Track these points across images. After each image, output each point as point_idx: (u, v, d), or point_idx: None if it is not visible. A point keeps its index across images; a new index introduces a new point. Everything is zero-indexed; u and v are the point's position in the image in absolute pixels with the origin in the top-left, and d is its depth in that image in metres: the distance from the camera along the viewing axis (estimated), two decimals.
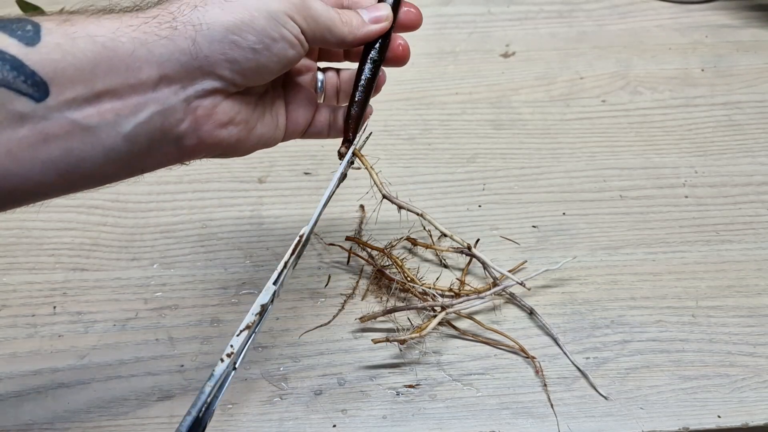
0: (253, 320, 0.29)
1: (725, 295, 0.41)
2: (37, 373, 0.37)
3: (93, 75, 0.25)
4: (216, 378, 0.27)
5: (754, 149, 0.50)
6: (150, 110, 0.27)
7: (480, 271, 0.42)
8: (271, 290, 0.30)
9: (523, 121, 0.52)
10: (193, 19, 0.27)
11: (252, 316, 0.29)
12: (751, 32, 0.60)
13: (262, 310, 0.29)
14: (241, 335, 0.28)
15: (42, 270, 0.42)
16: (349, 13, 0.33)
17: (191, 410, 0.26)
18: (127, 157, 0.27)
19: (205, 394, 0.27)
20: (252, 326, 0.29)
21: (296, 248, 0.31)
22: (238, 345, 0.28)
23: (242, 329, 0.28)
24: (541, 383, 0.37)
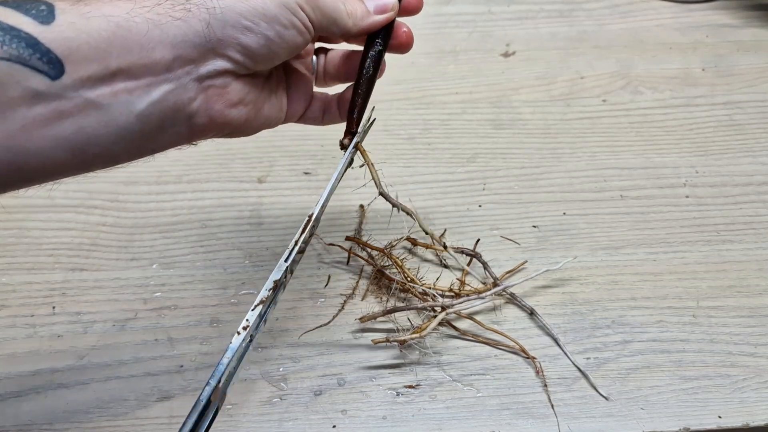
0: (267, 295, 0.30)
1: (726, 295, 0.41)
2: (36, 374, 0.37)
3: (107, 54, 0.25)
4: (233, 349, 0.28)
5: (755, 149, 0.50)
6: (163, 89, 0.27)
7: (480, 270, 0.42)
8: (283, 267, 0.31)
9: (523, 121, 0.52)
10: (207, 2, 0.28)
11: (266, 292, 0.30)
12: (752, 32, 0.60)
13: (276, 286, 0.30)
14: (256, 309, 0.29)
15: (41, 270, 0.42)
16: (354, 3, 0.33)
17: (210, 380, 0.27)
18: (139, 136, 0.28)
19: (223, 364, 0.27)
20: (266, 301, 0.30)
21: (305, 228, 0.32)
22: (253, 319, 0.29)
23: (257, 304, 0.29)
24: (542, 384, 0.37)
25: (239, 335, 0.28)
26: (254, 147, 0.50)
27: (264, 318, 0.30)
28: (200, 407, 0.27)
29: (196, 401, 0.27)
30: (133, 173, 0.48)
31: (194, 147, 0.50)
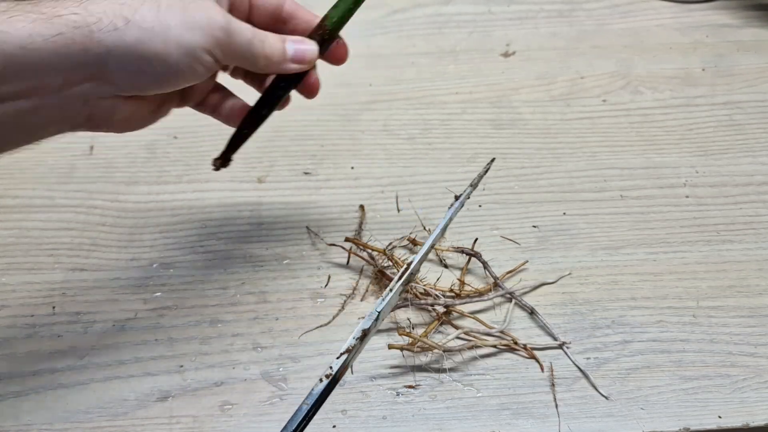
0: (354, 344, 0.30)
1: (726, 295, 0.41)
2: (36, 374, 0.37)
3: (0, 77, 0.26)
4: (314, 397, 0.29)
5: (755, 149, 0.50)
6: (50, 108, 0.28)
7: (480, 270, 0.42)
8: (374, 316, 0.31)
9: (523, 121, 0.52)
10: (109, 38, 0.27)
11: (353, 341, 0.30)
12: (752, 32, 0.60)
13: (363, 335, 0.30)
14: (341, 358, 0.30)
15: (41, 270, 0.42)
16: (273, 43, 0.32)
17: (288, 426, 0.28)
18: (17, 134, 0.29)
19: (302, 411, 0.28)
20: (352, 350, 0.30)
21: (402, 276, 0.32)
22: (336, 367, 0.29)
23: (342, 352, 0.30)
24: (549, 383, 0.37)
25: (322, 382, 0.29)
26: (254, 147, 0.50)
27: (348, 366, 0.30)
28: None
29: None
30: (133, 173, 0.48)
31: (194, 147, 0.50)
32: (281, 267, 0.42)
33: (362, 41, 0.59)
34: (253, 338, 0.39)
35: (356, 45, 0.60)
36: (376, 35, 0.60)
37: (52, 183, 0.47)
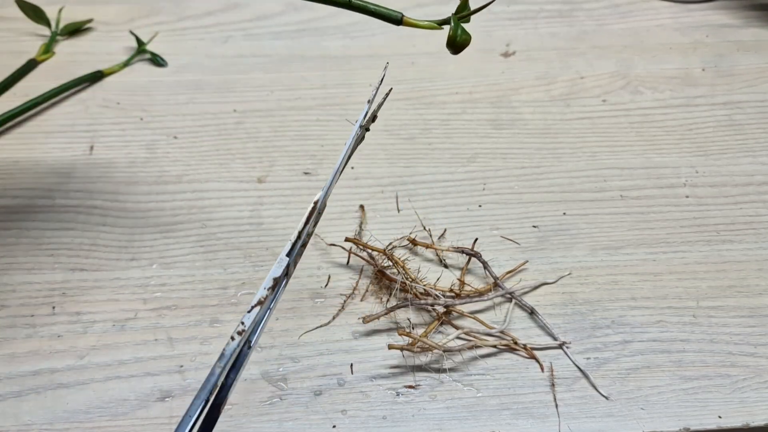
0: (265, 295, 0.27)
1: (726, 295, 0.41)
2: (36, 374, 0.37)
3: None
4: (226, 357, 0.26)
5: (755, 149, 0.50)
6: None
7: (480, 270, 0.42)
8: (284, 262, 0.28)
9: (523, 121, 0.52)
10: None
11: (264, 291, 0.27)
12: (752, 32, 0.60)
13: (275, 284, 0.27)
14: (253, 311, 0.27)
15: (41, 270, 0.42)
16: None
17: (200, 394, 0.25)
18: None
19: (215, 375, 0.25)
20: (264, 301, 0.27)
21: (310, 217, 0.30)
22: (249, 322, 0.26)
23: (254, 305, 0.27)
24: (549, 383, 0.37)
25: (234, 341, 0.26)
26: (254, 147, 0.50)
27: (263, 321, 0.28)
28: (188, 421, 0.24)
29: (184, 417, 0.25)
30: (133, 173, 0.48)
31: (194, 147, 0.50)
32: None
33: (362, 41, 0.59)
34: None
35: (356, 45, 0.60)
36: (376, 35, 0.60)
37: (52, 183, 0.47)
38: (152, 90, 0.55)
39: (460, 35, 0.31)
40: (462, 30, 0.31)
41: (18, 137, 0.51)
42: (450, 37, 0.31)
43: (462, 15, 0.32)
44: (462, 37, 0.31)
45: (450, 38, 0.31)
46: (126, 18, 0.62)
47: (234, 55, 0.58)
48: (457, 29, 0.31)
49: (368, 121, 0.33)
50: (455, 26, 0.31)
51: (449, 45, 0.31)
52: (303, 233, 0.29)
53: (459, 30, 0.31)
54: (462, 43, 0.31)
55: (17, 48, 0.58)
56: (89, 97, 0.54)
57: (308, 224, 0.30)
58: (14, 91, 0.54)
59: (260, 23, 0.61)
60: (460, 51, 0.31)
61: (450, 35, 0.31)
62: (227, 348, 0.26)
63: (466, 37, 0.31)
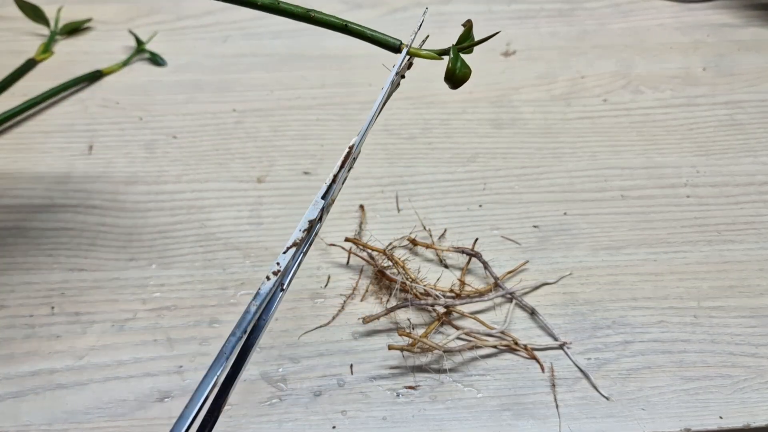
0: (301, 237, 0.27)
1: (727, 295, 0.41)
2: (35, 374, 0.37)
3: None
4: (262, 296, 0.25)
5: (756, 149, 0.50)
6: None
7: (480, 270, 0.42)
8: (320, 204, 0.27)
9: (523, 121, 0.52)
10: None
11: (300, 233, 0.27)
12: (753, 31, 0.60)
13: (311, 226, 0.27)
14: (288, 252, 0.26)
15: (40, 270, 0.42)
16: None
17: (235, 330, 0.24)
18: None
19: (250, 313, 0.25)
20: (300, 243, 0.26)
21: (345, 161, 0.28)
22: (285, 262, 0.26)
23: (289, 246, 0.26)
24: (549, 383, 0.37)
25: (269, 280, 0.25)
26: (253, 147, 0.50)
27: (298, 263, 0.27)
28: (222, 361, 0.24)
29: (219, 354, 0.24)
30: (132, 173, 0.48)
31: (193, 147, 0.50)
32: None
33: None
34: None
35: (356, 44, 0.60)
36: None
37: (51, 183, 0.47)
38: (151, 89, 0.55)
39: (460, 68, 0.28)
40: (462, 63, 0.28)
41: (17, 137, 0.51)
42: (448, 71, 0.28)
43: (463, 46, 0.29)
44: (462, 70, 0.28)
45: (448, 71, 0.28)
46: (125, 17, 0.62)
47: (233, 55, 0.58)
48: (456, 62, 0.28)
49: (404, 68, 0.31)
50: (454, 58, 0.28)
51: (447, 79, 0.28)
52: (338, 177, 0.28)
53: (458, 62, 0.28)
54: (461, 77, 0.28)
55: (16, 47, 0.58)
56: (88, 97, 0.54)
57: (343, 168, 0.29)
58: (13, 90, 0.54)
59: (260, 22, 0.61)
60: (459, 85, 0.28)
61: (449, 68, 0.28)
62: (263, 287, 0.25)
63: (466, 71, 0.28)
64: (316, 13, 0.29)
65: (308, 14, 0.29)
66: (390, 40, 0.30)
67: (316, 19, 0.29)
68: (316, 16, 0.29)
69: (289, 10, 0.29)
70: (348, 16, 0.65)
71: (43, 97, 0.52)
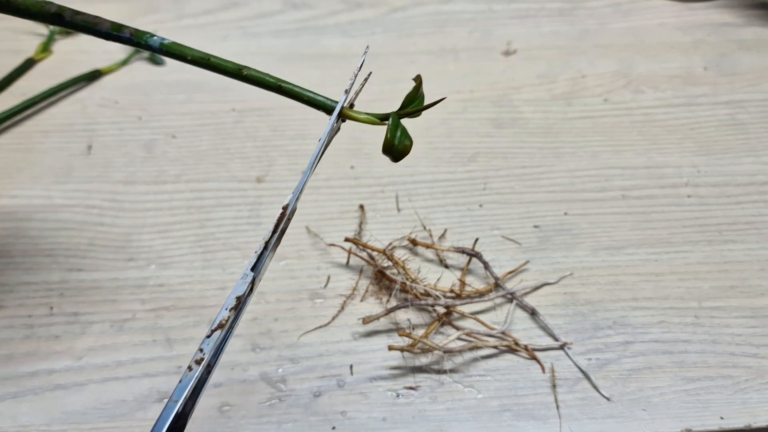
0: (227, 316, 0.24)
1: (728, 295, 0.41)
2: (34, 375, 0.37)
3: None
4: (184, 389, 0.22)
5: (757, 148, 0.50)
6: None
7: (481, 270, 0.42)
8: (249, 278, 0.24)
9: (524, 120, 0.52)
10: None
11: (226, 312, 0.24)
12: (754, 31, 0.60)
13: (238, 303, 0.24)
14: (213, 335, 0.23)
15: (39, 270, 0.42)
16: None
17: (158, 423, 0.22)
18: None
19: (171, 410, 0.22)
20: (226, 323, 0.24)
21: (278, 225, 0.26)
22: (209, 348, 0.23)
23: (214, 328, 0.23)
24: (550, 384, 0.37)
25: (191, 371, 0.23)
26: (253, 146, 0.50)
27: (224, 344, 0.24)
28: None
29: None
30: (131, 173, 0.48)
31: (193, 147, 0.50)
32: (280, 267, 0.42)
33: (362, 40, 0.59)
34: (252, 339, 0.39)
35: (356, 44, 0.60)
36: (376, 34, 0.60)
37: (50, 183, 0.47)
38: (150, 89, 0.54)
39: (400, 140, 0.23)
40: (402, 133, 0.23)
41: (16, 136, 0.50)
42: (386, 142, 0.23)
43: (406, 112, 0.24)
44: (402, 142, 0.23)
45: (386, 142, 0.23)
46: (124, 16, 0.61)
47: (233, 54, 0.58)
48: (396, 131, 0.23)
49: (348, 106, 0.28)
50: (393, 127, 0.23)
51: (385, 151, 0.23)
52: (271, 243, 0.25)
53: (398, 132, 0.23)
54: (401, 150, 0.23)
55: (15, 47, 0.58)
56: (87, 96, 0.54)
57: (276, 232, 0.26)
58: (12, 90, 0.54)
59: (259, 21, 0.61)
60: (399, 159, 0.24)
61: (386, 139, 0.23)
62: (185, 378, 0.23)
63: (407, 144, 0.23)
64: (248, 70, 0.26)
65: (240, 71, 0.25)
66: (326, 102, 0.26)
67: (248, 77, 0.26)
68: (249, 73, 0.26)
69: (220, 65, 0.26)
70: (348, 16, 0.64)
71: (42, 97, 0.52)
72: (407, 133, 0.23)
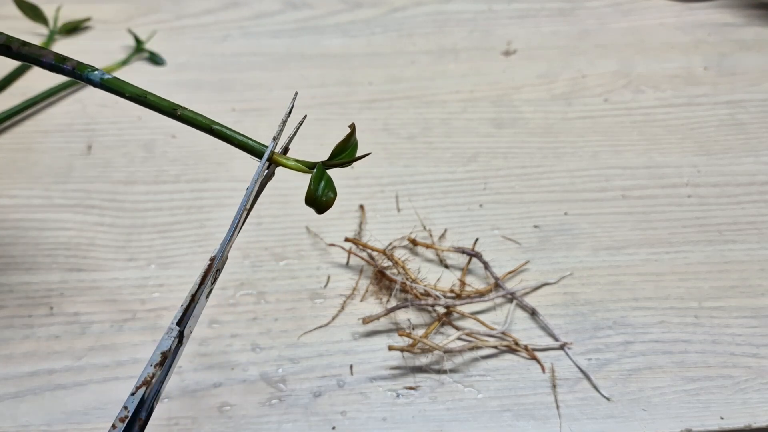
0: (152, 373, 0.22)
1: (728, 295, 0.41)
2: (34, 375, 0.37)
3: None
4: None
5: (758, 148, 0.50)
6: None
7: (481, 270, 0.42)
8: (174, 332, 0.23)
9: (524, 120, 0.52)
10: None
11: (151, 368, 0.22)
12: (754, 30, 0.60)
13: (163, 359, 0.22)
14: (138, 393, 0.22)
15: (39, 270, 0.42)
16: None
17: None
18: None
19: None
20: (151, 380, 0.22)
21: (206, 276, 0.24)
22: (133, 406, 0.22)
23: (139, 385, 0.22)
24: (550, 384, 0.37)
25: (116, 429, 0.21)
26: None
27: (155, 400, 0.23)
28: None
29: None
30: (131, 173, 0.48)
31: (193, 147, 0.50)
32: (280, 267, 0.42)
33: (362, 39, 0.59)
34: (252, 339, 0.39)
35: (356, 43, 0.60)
36: (376, 34, 0.60)
37: (50, 183, 0.47)
38: (150, 89, 0.54)
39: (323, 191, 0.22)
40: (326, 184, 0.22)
41: (16, 136, 0.50)
42: (309, 193, 0.22)
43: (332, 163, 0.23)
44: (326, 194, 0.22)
45: (309, 194, 0.22)
46: (124, 16, 0.61)
47: (233, 54, 0.58)
48: (319, 182, 0.22)
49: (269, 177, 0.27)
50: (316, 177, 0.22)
51: (308, 203, 0.23)
52: (198, 295, 0.24)
53: (322, 184, 0.22)
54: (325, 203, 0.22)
55: None
56: (87, 96, 0.54)
57: (204, 284, 0.24)
58: (12, 90, 0.54)
59: (259, 21, 0.61)
60: (322, 212, 0.23)
61: (309, 190, 0.22)
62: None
63: (331, 196, 0.22)
64: (182, 110, 0.25)
65: (174, 111, 0.25)
66: (255, 146, 0.25)
67: (182, 117, 0.25)
68: (183, 113, 0.25)
69: (155, 103, 0.26)
70: (348, 16, 0.64)
71: (42, 97, 0.52)
72: (332, 184, 0.23)
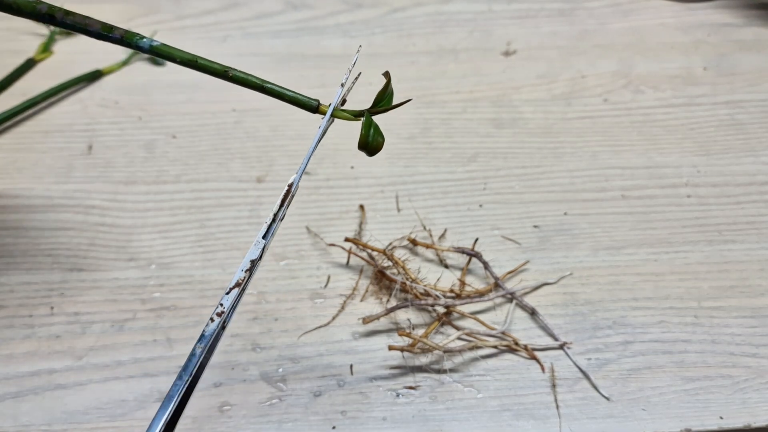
0: (243, 277, 0.28)
1: (728, 295, 0.41)
2: (35, 374, 0.37)
3: None
4: (207, 338, 0.27)
5: (757, 148, 0.50)
6: None
7: (481, 270, 0.42)
8: (261, 245, 0.28)
9: (524, 120, 0.52)
10: None
11: (242, 273, 0.28)
12: (754, 31, 0.60)
13: (252, 266, 0.28)
14: (231, 293, 0.27)
15: (39, 270, 0.42)
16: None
17: (182, 374, 0.26)
18: None
19: (196, 356, 0.26)
20: (242, 283, 0.28)
21: (284, 199, 0.29)
22: (228, 303, 0.27)
23: (232, 287, 0.28)
24: (550, 384, 0.37)
25: (213, 322, 0.27)
26: (253, 146, 0.50)
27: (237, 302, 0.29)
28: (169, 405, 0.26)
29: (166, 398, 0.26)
30: (131, 173, 0.48)
31: (193, 147, 0.50)
32: (280, 267, 0.42)
33: (362, 40, 0.59)
34: (252, 339, 0.39)
35: (356, 44, 0.60)
36: (375, 34, 0.60)
37: (51, 183, 0.47)
38: (151, 89, 0.54)
39: (373, 137, 0.26)
40: (375, 130, 0.26)
41: (16, 137, 0.51)
42: (361, 138, 0.26)
43: (377, 110, 0.26)
44: (375, 138, 0.26)
45: (361, 139, 0.26)
46: (125, 17, 0.62)
47: (233, 54, 0.58)
48: (369, 128, 0.26)
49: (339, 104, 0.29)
50: (366, 124, 0.25)
51: (361, 147, 0.26)
52: (278, 215, 0.29)
53: (371, 130, 0.26)
54: (375, 146, 0.26)
55: (15, 47, 0.58)
56: (88, 97, 0.54)
57: (283, 206, 0.29)
58: (12, 90, 0.54)
59: (259, 22, 0.61)
60: (374, 154, 0.26)
61: (361, 136, 0.26)
62: (207, 329, 0.27)
63: (380, 140, 0.26)
64: (234, 71, 0.27)
65: (226, 72, 0.27)
66: (308, 101, 0.27)
67: (233, 77, 0.27)
68: (234, 74, 0.27)
69: (208, 66, 0.28)
70: (348, 16, 0.65)
71: (43, 97, 0.52)
72: (379, 130, 0.26)
